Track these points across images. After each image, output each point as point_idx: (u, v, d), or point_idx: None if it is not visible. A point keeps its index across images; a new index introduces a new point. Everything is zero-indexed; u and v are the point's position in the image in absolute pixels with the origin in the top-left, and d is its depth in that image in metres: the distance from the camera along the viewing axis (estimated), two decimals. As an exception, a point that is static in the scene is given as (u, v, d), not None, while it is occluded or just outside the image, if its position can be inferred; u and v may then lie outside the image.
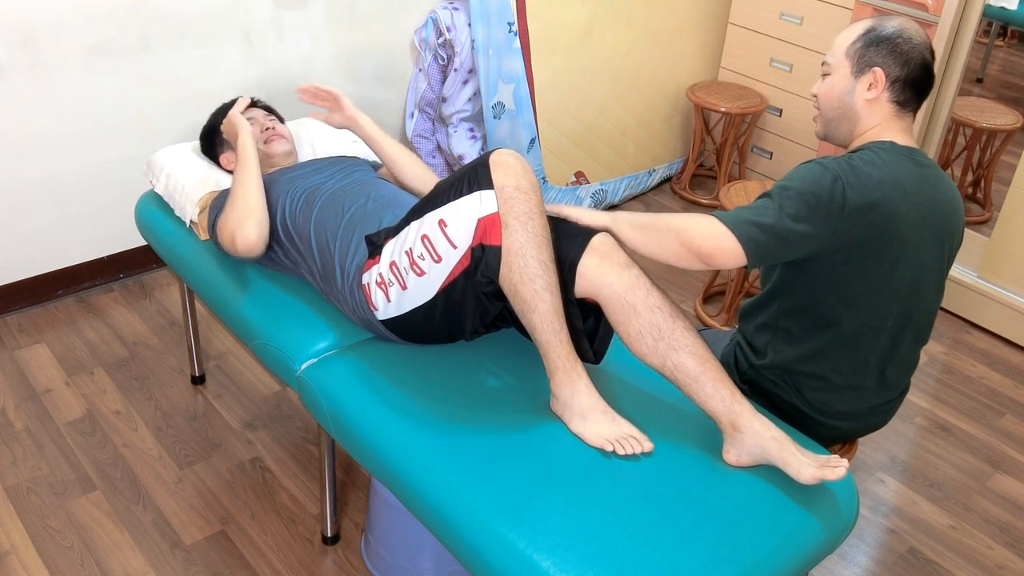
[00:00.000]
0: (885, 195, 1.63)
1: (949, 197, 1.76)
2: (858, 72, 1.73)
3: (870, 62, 1.71)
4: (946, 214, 1.75)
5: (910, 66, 1.70)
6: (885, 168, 1.66)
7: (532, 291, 1.62)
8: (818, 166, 1.65)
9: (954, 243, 1.80)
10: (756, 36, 3.74)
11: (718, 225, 1.61)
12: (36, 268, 2.87)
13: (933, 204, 1.72)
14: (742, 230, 1.60)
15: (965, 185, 3.64)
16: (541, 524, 1.46)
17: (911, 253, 1.70)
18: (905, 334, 1.79)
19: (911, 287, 1.74)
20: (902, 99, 1.72)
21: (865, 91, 1.72)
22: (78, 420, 2.46)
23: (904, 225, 1.67)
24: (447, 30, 3.14)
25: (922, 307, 1.79)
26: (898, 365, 1.83)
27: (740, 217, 1.62)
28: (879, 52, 1.71)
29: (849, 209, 1.61)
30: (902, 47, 1.69)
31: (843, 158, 1.67)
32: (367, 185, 2.08)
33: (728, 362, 1.92)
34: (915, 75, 1.71)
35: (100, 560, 2.07)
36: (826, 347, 1.76)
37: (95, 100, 2.74)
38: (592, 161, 3.66)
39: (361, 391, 1.76)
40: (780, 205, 1.62)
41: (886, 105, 1.73)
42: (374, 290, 1.83)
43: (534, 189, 1.66)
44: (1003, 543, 2.31)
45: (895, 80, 1.71)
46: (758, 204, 1.65)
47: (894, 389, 1.87)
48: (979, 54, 3.83)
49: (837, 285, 1.70)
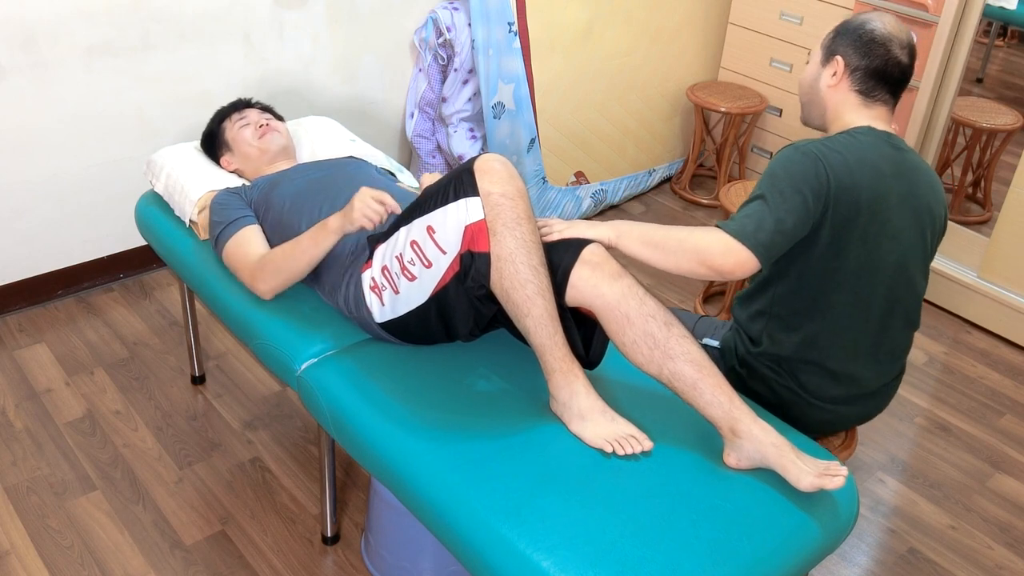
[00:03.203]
0: (863, 174, 1.70)
1: (928, 182, 1.82)
2: (824, 60, 1.83)
3: (834, 51, 1.81)
4: (925, 197, 1.80)
5: (871, 57, 1.77)
6: (862, 150, 1.73)
7: (524, 296, 1.62)
8: (796, 152, 1.71)
9: (936, 228, 1.85)
10: (756, 36, 3.74)
11: (732, 241, 1.66)
12: (36, 268, 2.87)
13: (912, 187, 1.78)
14: (752, 241, 1.66)
15: (965, 185, 3.64)
16: (541, 524, 1.47)
17: (891, 232, 1.76)
18: (894, 319, 1.84)
19: (895, 269, 1.79)
20: (863, 88, 1.79)
21: (829, 78, 1.82)
22: (78, 420, 2.46)
23: (883, 204, 1.73)
24: (447, 30, 3.14)
25: (908, 291, 1.83)
26: (890, 351, 1.88)
27: (746, 228, 1.67)
28: (843, 42, 1.79)
29: (832, 188, 1.68)
30: (864, 38, 1.77)
31: (820, 140, 1.73)
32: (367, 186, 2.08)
33: (729, 347, 1.95)
34: (876, 65, 1.77)
35: (100, 560, 2.07)
36: (818, 333, 1.80)
37: (95, 100, 2.74)
38: (592, 161, 3.66)
39: (361, 391, 1.76)
40: (775, 204, 1.67)
41: (848, 93, 1.81)
42: (368, 294, 1.83)
43: (520, 194, 1.66)
44: (1003, 543, 2.31)
45: (855, 69, 1.78)
46: (755, 209, 1.69)
47: (887, 374, 1.91)
48: (979, 54, 3.83)
49: (824, 268, 1.75)
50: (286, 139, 2.31)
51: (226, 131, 2.31)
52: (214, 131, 2.34)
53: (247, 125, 2.28)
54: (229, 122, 2.32)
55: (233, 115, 2.32)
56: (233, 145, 2.29)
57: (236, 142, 2.28)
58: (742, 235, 1.66)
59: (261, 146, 2.25)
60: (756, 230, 1.66)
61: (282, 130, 2.31)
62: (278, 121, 2.34)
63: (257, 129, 2.27)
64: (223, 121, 2.33)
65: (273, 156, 2.27)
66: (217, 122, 2.34)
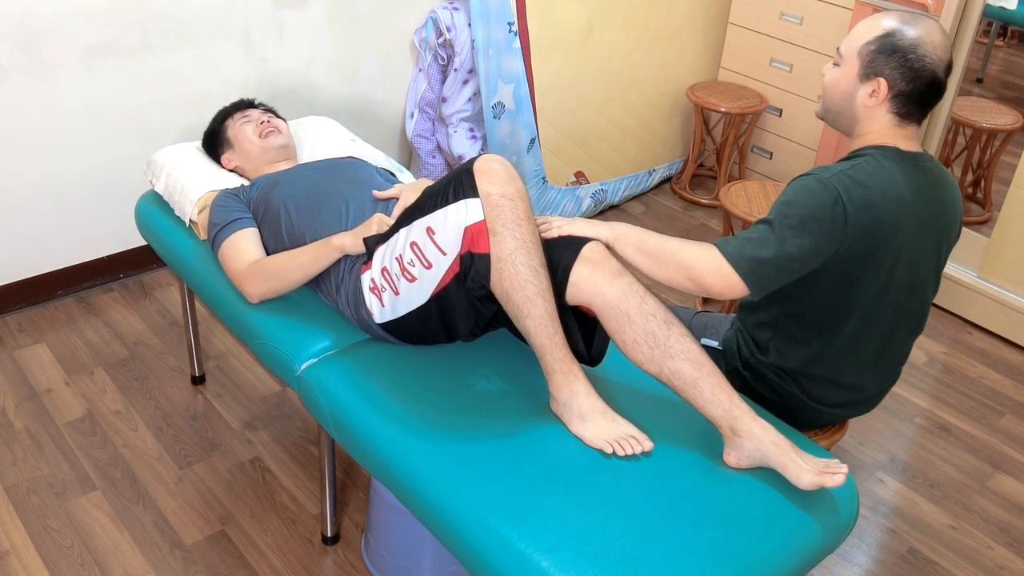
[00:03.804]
0: (886, 210, 1.64)
1: (949, 198, 1.77)
2: (864, 76, 1.68)
3: (878, 70, 1.66)
4: (945, 216, 1.76)
5: (917, 83, 1.65)
6: (886, 180, 1.65)
7: (524, 297, 1.62)
8: (818, 184, 1.62)
9: (951, 241, 1.82)
10: (756, 36, 3.74)
11: (724, 264, 1.63)
12: (36, 268, 2.87)
13: (932, 207, 1.73)
14: (746, 267, 1.62)
15: (965, 185, 3.64)
16: (541, 524, 1.46)
17: (908, 260, 1.72)
18: (899, 331, 1.83)
19: (908, 289, 1.77)
20: (903, 112, 1.69)
21: (867, 97, 1.69)
22: (78, 420, 2.46)
23: (902, 235, 1.68)
24: (447, 30, 3.14)
25: (917, 304, 1.82)
26: (891, 358, 1.88)
27: (743, 252, 1.62)
28: (889, 62, 1.65)
29: (851, 228, 1.62)
30: (914, 64, 1.63)
31: (843, 173, 1.64)
32: (367, 186, 2.09)
33: (731, 348, 1.94)
34: (920, 91, 1.66)
35: (100, 560, 2.07)
36: (825, 349, 1.79)
37: (95, 100, 2.74)
38: (592, 161, 3.66)
39: (361, 391, 1.76)
40: (782, 236, 1.62)
41: (885, 115, 1.70)
42: (368, 295, 1.83)
43: (520, 195, 1.66)
44: (1003, 543, 2.31)
45: (898, 94, 1.66)
46: (760, 235, 1.64)
47: (888, 380, 1.92)
48: (979, 54, 3.83)
49: (837, 297, 1.72)
50: (287, 139, 2.31)
51: (228, 129, 2.32)
52: (216, 129, 2.35)
53: (249, 123, 2.30)
54: (231, 120, 2.33)
55: (236, 114, 2.34)
56: (235, 142, 2.30)
57: (238, 139, 2.29)
58: (738, 259, 1.62)
59: (263, 144, 2.26)
60: (754, 258, 1.62)
61: (284, 130, 2.32)
62: (280, 121, 2.35)
63: (259, 127, 2.28)
64: (226, 120, 2.34)
65: (274, 155, 2.28)
66: (220, 120, 2.36)
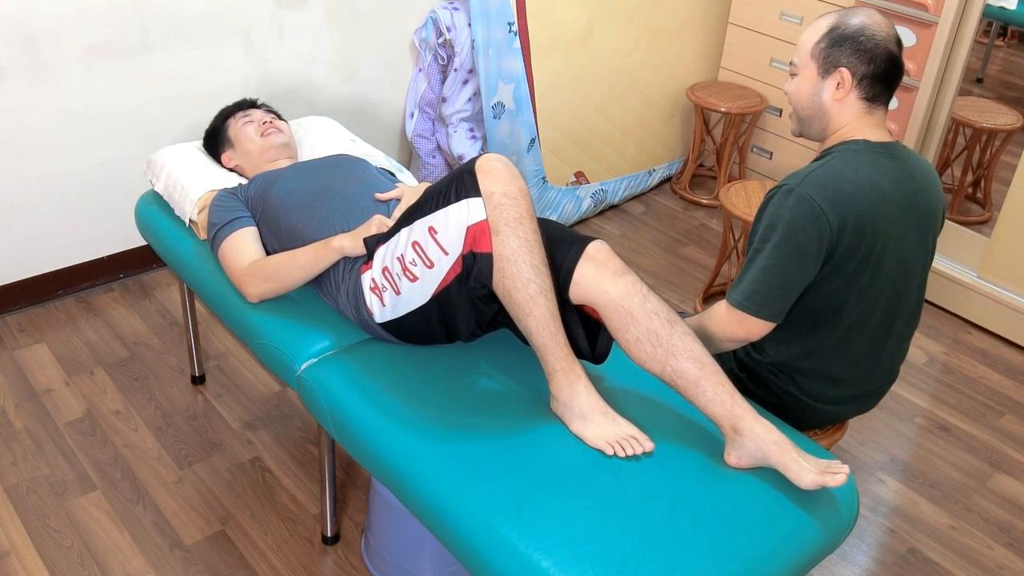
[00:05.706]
0: (862, 201, 1.68)
1: (927, 184, 1.80)
2: (824, 73, 1.74)
3: (835, 62, 1.72)
4: (926, 202, 1.79)
5: (876, 62, 1.71)
6: (858, 172, 1.70)
7: (526, 296, 1.62)
8: (791, 196, 1.67)
9: (936, 228, 1.84)
10: (756, 36, 3.74)
11: (735, 312, 1.73)
12: (36, 268, 2.87)
13: (912, 195, 1.76)
14: (754, 307, 1.72)
15: (965, 185, 3.64)
16: (541, 524, 1.46)
17: (894, 248, 1.75)
18: (895, 324, 1.85)
19: (897, 278, 1.79)
20: (870, 95, 1.74)
21: (834, 90, 1.74)
22: (78, 420, 2.46)
23: (886, 223, 1.72)
24: (447, 30, 3.14)
25: (909, 294, 1.84)
26: (890, 354, 1.89)
27: (753, 299, 1.71)
28: (844, 51, 1.71)
29: (836, 231, 1.67)
30: (866, 44, 1.70)
31: (812, 175, 1.69)
32: (365, 184, 2.09)
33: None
34: (882, 69, 1.72)
35: (100, 560, 2.07)
36: (821, 344, 1.81)
37: (95, 100, 2.73)
38: (592, 161, 3.66)
39: (361, 391, 1.76)
40: (775, 260, 1.69)
41: (856, 103, 1.75)
42: (369, 295, 1.83)
43: (523, 194, 1.66)
44: (1003, 543, 2.31)
45: (862, 78, 1.72)
46: (759, 272, 1.70)
47: (887, 374, 1.92)
48: (979, 54, 3.83)
49: (829, 291, 1.75)
50: (289, 138, 2.32)
51: (230, 128, 2.33)
52: (218, 127, 2.36)
53: (251, 122, 2.30)
54: (233, 119, 2.33)
55: (238, 113, 2.34)
56: (235, 141, 2.30)
57: (238, 138, 2.29)
58: (742, 302, 1.72)
59: (263, 143, 2.26)
60: (761, 297, 1.70)
61: (285, 130, 2.32)
62: (281, 122, 2.35)
63: (260, 126, 2.28)
64: (228, 118, 2.35)
65: (274, 154, 2.28)
66: (222, 119, 2.37)
